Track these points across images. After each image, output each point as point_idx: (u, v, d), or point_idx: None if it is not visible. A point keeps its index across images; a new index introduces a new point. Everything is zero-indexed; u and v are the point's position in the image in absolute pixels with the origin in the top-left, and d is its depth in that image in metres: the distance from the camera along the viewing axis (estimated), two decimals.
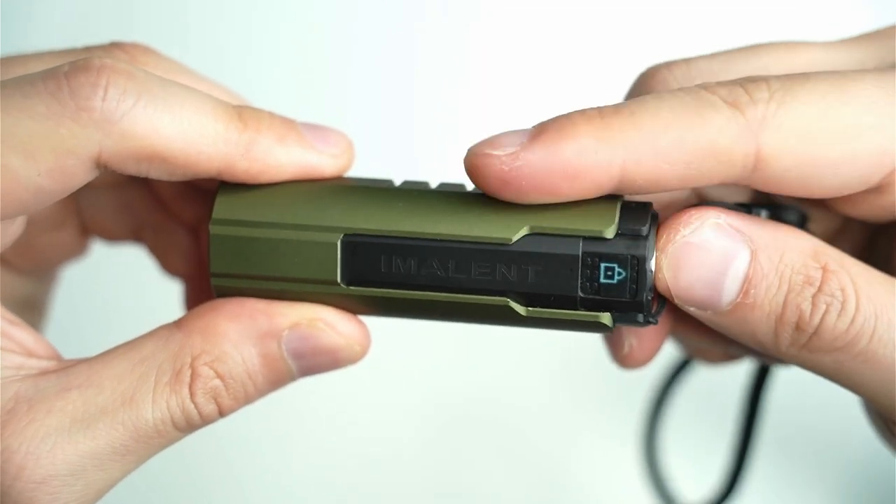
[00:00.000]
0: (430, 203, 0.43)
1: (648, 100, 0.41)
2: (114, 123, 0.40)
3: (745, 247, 0.41)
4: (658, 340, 0.49)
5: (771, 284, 0.41)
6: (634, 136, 0.40)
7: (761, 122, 0.40)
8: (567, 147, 0.40)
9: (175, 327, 0.43)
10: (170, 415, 0.42)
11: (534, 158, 0.40)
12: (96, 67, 0.40)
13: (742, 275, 0.41)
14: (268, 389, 0.44)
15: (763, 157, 0.40)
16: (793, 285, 0.41)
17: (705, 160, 0.40)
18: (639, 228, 0.41)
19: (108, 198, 0.51)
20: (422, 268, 0.42)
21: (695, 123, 0.40)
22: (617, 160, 0.40)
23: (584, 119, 0.40)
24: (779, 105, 0.40)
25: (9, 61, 0.44)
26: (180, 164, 0.42)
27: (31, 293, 0.52)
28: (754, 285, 0.41)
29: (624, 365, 0.49)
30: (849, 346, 0.41)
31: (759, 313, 0.41)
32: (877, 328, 0.41)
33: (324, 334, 0.44)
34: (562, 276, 0.42)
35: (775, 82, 0.41)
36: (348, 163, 0.45)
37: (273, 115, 0.44)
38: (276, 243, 0.43)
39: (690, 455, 0.77)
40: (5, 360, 0.42)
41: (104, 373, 0.42)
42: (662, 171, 0.40)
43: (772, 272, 0.41)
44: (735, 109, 0.40)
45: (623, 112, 0.40)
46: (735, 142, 0.40)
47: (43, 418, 0.41)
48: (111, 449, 0.41)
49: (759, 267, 0.41)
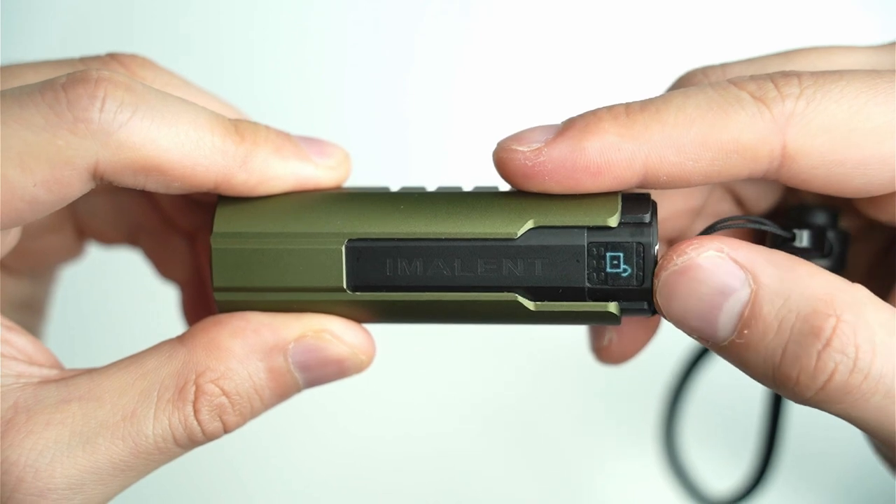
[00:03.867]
0: (432, 204, 0.43)
1: (675, 96, 0.41)
2: (111, 135, 0.40)
3: (745, 284, 0.40)
4: (638, 342, 0.49)
5: (768, 328, 0.39)
6: (658, 133, 0.40)
7: (789, 119, 0.40)
8: (590, 144, 0.40)
9: (178, 342, 0.43)
10: (171, 431, 0.42)
11: (557, 155, 0.41)
12: (94, 79, 0.40)
13: (737, 313, 0.40)
14: (274, 403, 0.44)
15: (789, 153, 0.40)
16: (794, 334, 0.39)
17: (729, 157, 0.40)
18: (641, 216, 0.41)
19: (105, 203, 0.51)
20: (428, 268, 0.42)
21: (719, 120, 0.40)
22: (640, 157, 0.40)
23: (609, 115, 0.41)
24: (808, 101, 0.40)
25: (5, 71, 0.44)
26: (177, 176, 0.41)
27: (29, 295, 0.52)
28: (749, 326, 0.39)
29: (600, 358, 0.49)
30: (859, 400, 0.39)
31: (754, 356, 0.40)
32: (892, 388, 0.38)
33: (330, 345, 0.43)
34: (569, 268, 0.42)
35: (808, 78, 0.40)
36: (345, 174, 0.45)
37: (269, 128, 0.44)
38: (280, 253, 0.43)
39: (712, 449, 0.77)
40: (6, 367, 0.42)
41: (105, 386, 0.42)
42: (686, 168, 0.40)
43: (770, 315, 0.39)
44: (762, 104, 0.40)
45: (649, 108, 0.40)
46: (760, 138, 0.40)
47: (42, 430, 0.41)
48: (110, 464, 0.41)
49: (757, 308, 0.39)
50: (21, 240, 0.45)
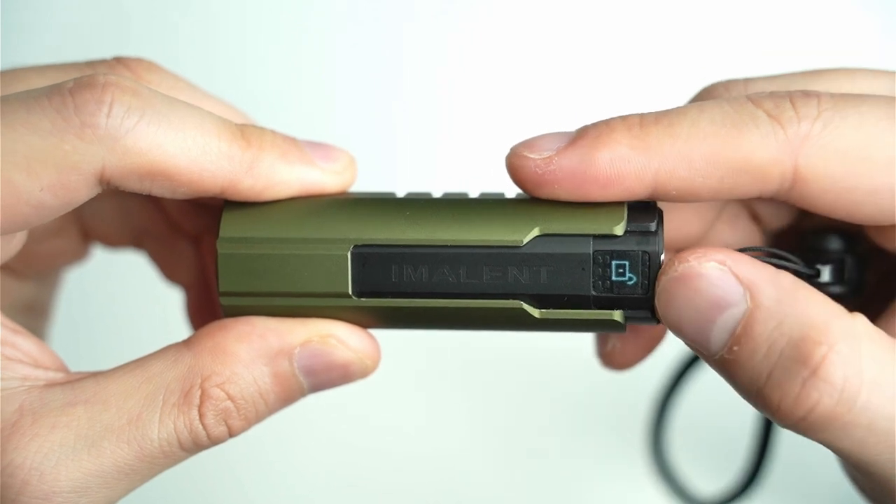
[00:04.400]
0: (438, 210, 0.43)
1: (690, 109, 0.40)
2: (117, 140, 0.40)
3: (741, 300, 0.39)
4: (642, 350, 0.49)
5: (757, 349, 0.39)
6: (669, 147, 0.40)
7: (803, 140, 0.39)
8: (601, 155, 0.40)
9: (184, 346, 0.43)
10: (176, 435, 0.42)
11: (567, 164, 0.40)
12: (101, 84, 0.40)
13: (730, 329, 0.39)
14: (279, 407, 0.44)
15: (801, 176, 0.39)
16: (782, 359, 0.38)
17: (739, 176, 0.40)
18: (647, 225, 0.41)
19: (110, 206, 0.51)
20: (433, 275, 0.42)
21: (732, 138, 0.39)
22: (650, 170, 0.40)
23: (623, 126, 0.40)
24: (825, 125, 0.39)
25: (9, 75, 0.44)
26: (184, 181, 0.41)
27: (33, 297, 0.52)
28: (738, 344, 0.39)
29: (605, 363, 0.49)
30: (841, 431, 0.38)
31: (741, 374, 0.39)
32: (876, 423, 0.38)
33: (336, 350, 0.43)
34: (574, 276, 0.42)
35: (827, 100, 0.40)
36: (351, 179, 0.45)
37: (276, 133, 0.44)
38: (285, 259, 0.43)
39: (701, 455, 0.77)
40: (11, 370, 0.42)
41: (110, 389, 0.42)
42: (696, 183, 0.40)
43: (762, 336, 0.38)
44: (776, 124, 0.39)
45: (662, 121, 0.40)
46: (771, 159, 0.39)
47: (47, 434, 0.41)
48: (115, 468, 0.41)
49: (749, 327, 0.39)
50: (26, 243, 0.45)
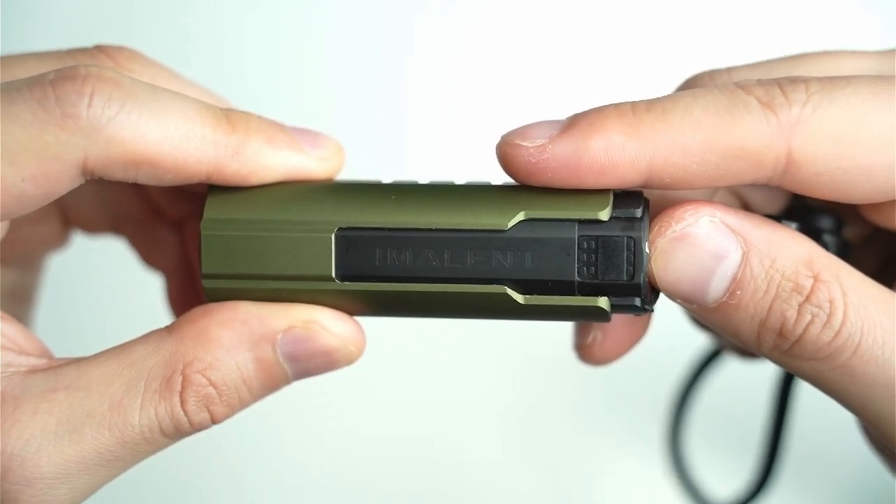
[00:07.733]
0: (423, 195, 0.43)
1: (683, 97, 0.41)
2: (99, 130, 0.40)
3: (737, 247, 0.41)
4: (623, 344, 0.49)
5: (758, 288, 0.40)
6: (663, 135, 0.40)
7: (795, 125, 0.40)
8: (594, 143, 0.40)
9: (167, 332, 0.43)
10: (158, 421, 0.42)
11: (560, 152, 0.40)
12: (82, 75, 0.40)
13: (730, 275, 0.41)
14: (262, 394, 0.44)
15: (794, 160, 0.40)
16: (780, 291, 0.40)
17: (734, 162, 0.40)
18: (633, 211, 0.41)
19: (91, 192, 0.51)
20: (417, 259, 0.42)
21: (725, 124, 0.40)
22: (644, 157, 0.40)
23: (616, 114, 0.40)
24: (815, 108, 0.40)
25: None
26: (168, 168, 0.41)
27: (16, 284, 0.52)
28: (741, 287, 0.41)
29: (582, 356, 0.49)
30: (829, 357, 0.40)
31: (743, 314, 0.41)
32: (861, 344, 0.40)
33: (319, 336, 0.43)
34: (559, 261, 0.41)
35: (815, 84, 0.40)
36: (338, 166, 0.45)
37: (262, 118, 0.44)
38: (269, 241, 0.43)
39: (716, 453, 0.77)
40: None
41: (92, 375, 0.42)
42: (690, 171, 0.40)
43: (761, 276, 0.41)
44: (768, 110, 0.40)
45: (655, 109, 0.40)
46: (765, 144, 0.40)
47: (28, 419, 0.41)
48: (97, 454, 0.41)
49: (748, 270, 0.41)
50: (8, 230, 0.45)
